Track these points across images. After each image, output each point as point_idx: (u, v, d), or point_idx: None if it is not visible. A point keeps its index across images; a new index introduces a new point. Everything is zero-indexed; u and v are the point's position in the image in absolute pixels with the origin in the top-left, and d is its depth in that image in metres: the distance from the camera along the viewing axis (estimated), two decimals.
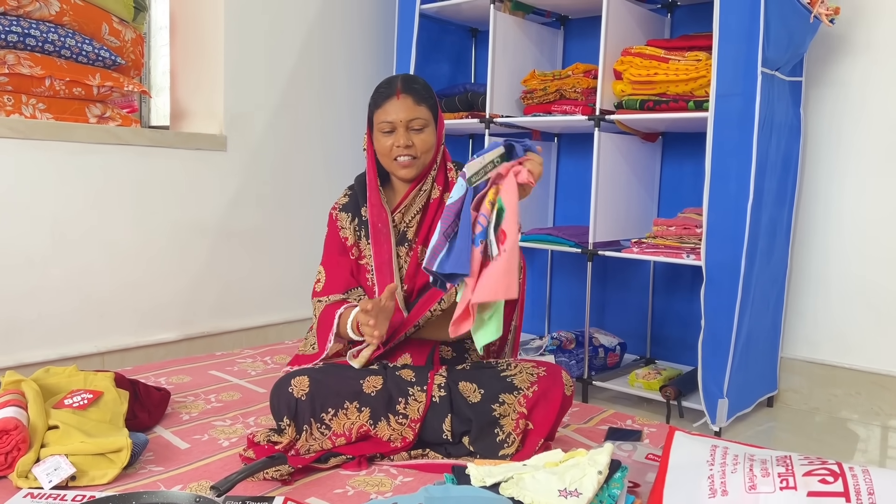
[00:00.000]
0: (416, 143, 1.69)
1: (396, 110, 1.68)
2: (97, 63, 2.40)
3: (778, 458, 1.26)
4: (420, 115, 1.69)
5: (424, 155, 1.71)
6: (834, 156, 2.45)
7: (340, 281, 1.77)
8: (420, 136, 1.69)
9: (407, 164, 1.69)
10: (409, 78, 1.73)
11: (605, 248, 2.44)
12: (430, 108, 1.72)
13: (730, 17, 2.07)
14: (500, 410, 1.58)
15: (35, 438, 1.49)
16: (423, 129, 1.70)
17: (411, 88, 1.70)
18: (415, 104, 1.69)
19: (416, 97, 1.69)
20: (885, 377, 2.36)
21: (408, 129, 1.68)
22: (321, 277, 1.81)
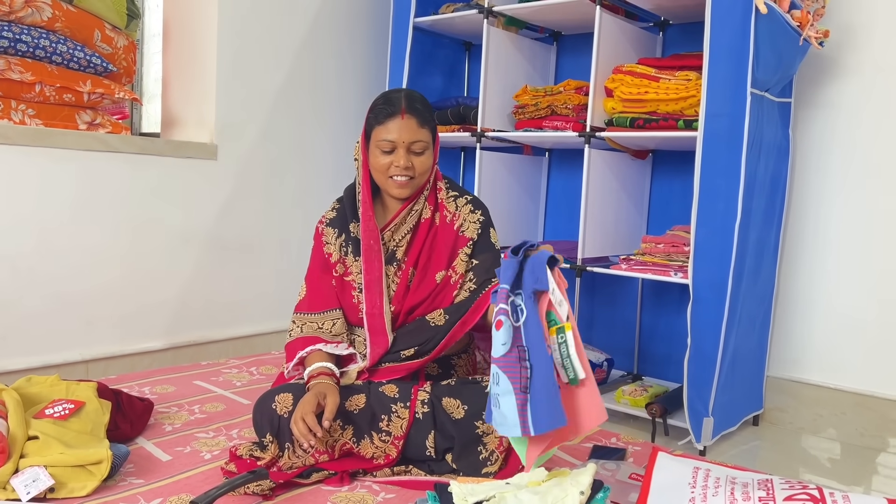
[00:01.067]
0: (415, 164, 1.67)
1: (399, 130, 1.65)
2: (88, 70, 2.39)
3: (759, 481, 1.26)
4: (422, 137, 1.67)
5: (421, 176, 1.69)
6: (822, 177, 2.47)
7: (319, 299, 1.75)
8: (419, 159, 1.68)
9: (403, 184, 1.68)
10: (413, 96, 1.70)
11: (594, 264, 2.45)
12: (431, 130, 1.70)
13: (720, 38, 2.08)
14: (483, 427, 1.57)
15: (14, 449, 1.47)
16: (423, 152, 1.68)
17: (415, 109, 1.67)
18: (418, 126, 1.66)
19: (419, 119, 1.67)
20: (869, 398, 2.37)
21: (408, 150, 1.66)
22: (302, 292, 1.80)
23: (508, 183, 2.84)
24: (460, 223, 1.75)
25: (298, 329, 1.72)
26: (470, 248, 1.73)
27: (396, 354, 1.69)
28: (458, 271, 1.72)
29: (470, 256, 1.74)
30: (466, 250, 1.73)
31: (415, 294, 1.70)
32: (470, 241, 1.73)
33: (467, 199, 1.79)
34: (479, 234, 1.75)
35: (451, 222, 1.75)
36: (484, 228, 1.76)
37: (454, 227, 1.74)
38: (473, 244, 1.74)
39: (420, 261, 1.72)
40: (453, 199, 1.79)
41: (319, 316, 1.73)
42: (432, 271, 1.72)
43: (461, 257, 1.72)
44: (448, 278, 1.71)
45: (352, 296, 1.73)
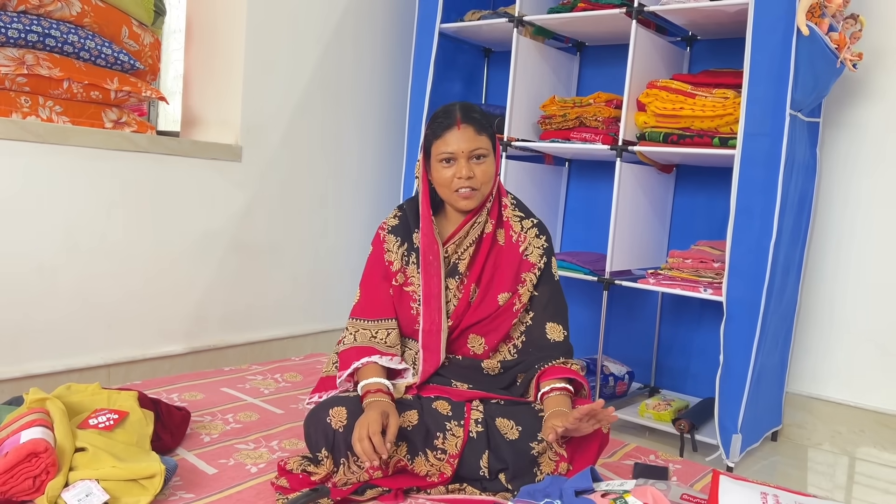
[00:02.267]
0: (476, 174, 1.66)
1: (458, 141, 1.64)
2: (115, 66, 2.34)
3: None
4: (481, 144, 1.66)
5: (485, 186, 1.68)
6: (845, 196, 2.50)
7: (374, 306, 1.73)
8: (481, 167, 1.66)
9: (468, 195, 1.66)
10: (468, 107, 1.70)
11: (619, 278, 2.45)
12: (490, 137, 1.69)
13: (761, 58, 2.09)
14: (538, 448, 1.57)
15: (63, 461, 1.44)
16: (484, 160, 1.67)
17: (471, 118, 1.66)
18: (476, 134, 1.66)
19: (477, 127, 1.66)
20: (889, 416, 2.40)
21: (469, 159, 1.65)
22: (357, 298, 1.77)
23: (531, 192, 2.83)
24: (525, 246, 1.74)
25: (352, 337, 1.70)
26: (536, 277, 1.73)
27: (447, 379, 1.68)
28: (522, 300, 1.72)
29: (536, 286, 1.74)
30: (533, 278, 1.72)
31: (475, 312, 1.69)
32: (535, 268, 1.73)
33: (533, 223, 1.78)
34: (543, 262, 1.74)
35: (517, 243, 1.74)
36: (548, 257, 1.76)
37: (519, 249, 1.74)
38: (540, 273, 1.73)
39: (483, 278, 1.71)
40: (519, 220, 1.78)
41: (374, 324, 1.71)
42: (495, 290, 1.71)
43: (528, 285, 1.72)
44: (511, 304, 1.70)
45: (410, 307, 1.71)
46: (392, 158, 3.22)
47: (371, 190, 3.15)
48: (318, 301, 2.94)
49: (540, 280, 1.74)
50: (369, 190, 3.14)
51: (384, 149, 3.19)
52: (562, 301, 1.78)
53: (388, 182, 3.21)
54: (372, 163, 3.14)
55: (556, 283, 1.78)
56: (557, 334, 1.71)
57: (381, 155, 3.18)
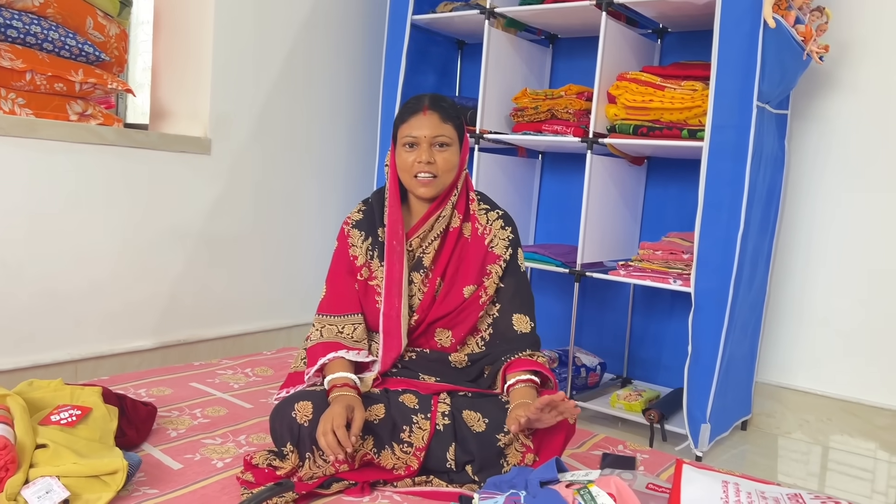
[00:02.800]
0: (438, 160, 1.67)
1: (421, 125, 1.66)
2: (80, 58, 2.30)
3: (788, 495, 1.29)
4: (444, 132, 1.67)
5: (445, 174, 1.69)
6: (814, 188, 2.52)
7: (340, 302, 1.73)
8: (443, 155, 1.67)
9: (426, 182, 1.67)
10: (439, 97, 1.72)
11: (591, 269, 2.46)
12: (456, 127, 1.70)
13: (729, 51, 2.10)
14: (504, 440, 1.57)
15: (23, 458, 1.42)
16: (447, 148, 1.68)
17: (438, 106, 1.68)
18: (441, 121, 1.67)
19: (442, 114, 1.68)
20: (854, 405, 2.44)
21: (431, 145, 1.66)
22: (324, 294, 1.77)
23: (504, 185, 2.83)
24: (491, 238, 1.74)
25: (319, 333, 1.70)
26: (502, 268, 1.73)
27: (414, 373, 1.68)
28: (488, 292, 1.72)
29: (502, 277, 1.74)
30: (498, 270, 1.73)
31: (441, 306, 1.69)
32: (501, 260, 1.73)
33: (499, 214, 1.79)
34: (509, 254, 1.75)
35: (482, 236, 1.74)
36: (514, 248, 1.77)
37: (485, 242, 1.74)
38: (505, 264, 1.74)
39: (448, 271, 1.71)
40: (485, 213, 1.79)
41: (340, 319, 1.70)
42: (460, 284, 1.71)
43: (493, 277, 1.72)
44: (477, 297, 1.71)
45: (375, 301, 1.71)
46: (364, 151, 3.20)
47: (343, 183, 3.14)
48: (289, 295, 2.92)
49: (506, 272, 1.75)
50: (341, 183, 3.13)
51: (356, 142, 3.18)
52: (528, 292, 1.79)
53: (360, 175, 3.20)
54: (344, 156, 3.13)
55: (522, 275, 1.78)
56: (524, 325, 1.72)
57: (352, 148, 3.17)
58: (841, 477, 2.23)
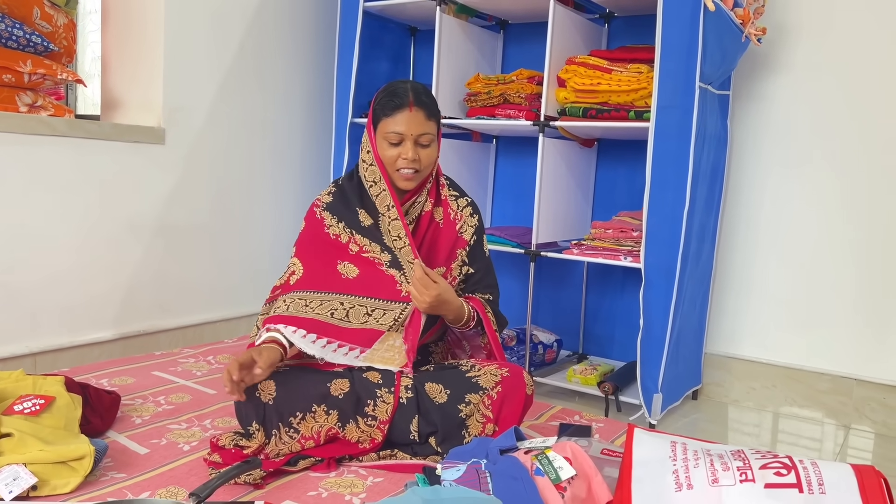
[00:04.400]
0: (421, 157, 1.71)
1: (408, 123, 1.68)
2: (28, 49, 2.27)
3: (732, 451, 1.37)
4: (430, 130, 1.71)
5: (426, 169, 1.74)
6: (755, 166, 2.63)
7: (318, 281, 1.72)
8: (426, 151, 1.72)
9: (409, 176, 1.71)
10: (420, 89, 1.73)
11: (545, 249, 2.53)
12: (438, 123, 1.75)
13: (671, 34, 2.18)
14: (465, 411, 1.63)
15: None
16: (430, 145, 1.72)
17: (423, 102, 1.70)
18: (426, 119, 1.70)
19: (427, 112, 1.71)
20: (798, 371, 2.56)
21: (416, 142, 1.69)
22: (296, 270, 1.75)
23: (459, 169, 2.88)
24: (461, 224, 1.82)
25: (285, 306, 1.69)
26: (466, 253, 1.81)
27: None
28: (453, 274, 1.80)
29: (466, 263, 1.82)
30: (464, 255, 1.81)
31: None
32: (467, 245, 1.82)
33: (468, 201, 1.87)
34: (475, 240, 1.83)
35: (454, 221, 1.82)
36: (479, 235, 1.85)
37: (456, 227, 1.82)
38: (469, 249, 1.82)
39: (421, 253, 1.78)
40: (455, 199, 1.86)
41: (328, 296, 1.70)
42: (432, 265, 1.78)
43: (458, 261, 1.80)
44: (443, 277, 1.76)
45: (381, 271, 1.72)
46: (319, 138, 3.22)
47: (299, 170, 3.15)
48: (248, 283, 2.93)
49: (473, 258, 1.83)
50: (296, 170, 3.14)
51: (311, 129, 3.19)
52: (493, 277, 1.90)
53: (316, 162, 3.22)
54: (299, 144, 3.14)
55: (487, 260, 1.88)
56: (483, 297, 1.83)
57: (307, 135, 3.18)
58: (787, 439, 2.35)
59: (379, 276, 1.72)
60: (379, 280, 1.71)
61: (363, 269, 1.72)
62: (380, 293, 1.71)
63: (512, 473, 1.37)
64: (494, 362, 1.74)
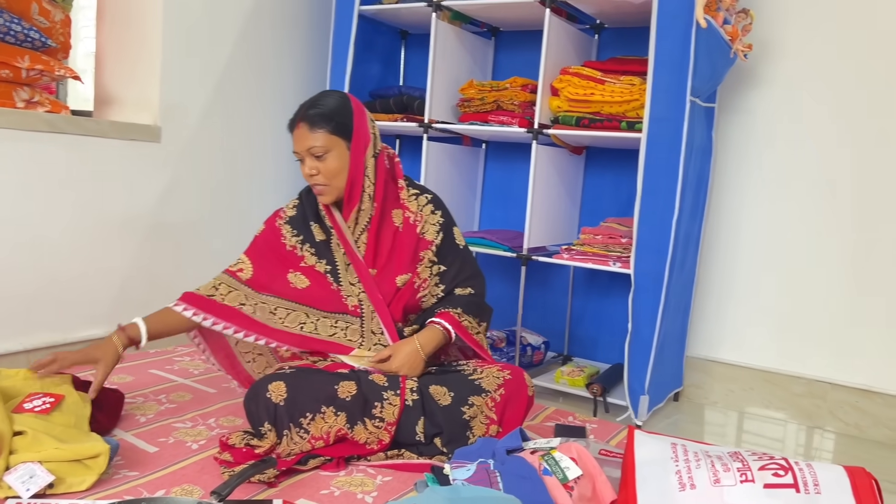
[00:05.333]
0: (320, 169, 1.72)
1: (296, 141, 1.73)
2: (25, 44, 2.26)
3: (730, 453, 1.44)
4: (315, 142, 1.70)
5: (335, 180, 1.73)
6: (738, 176, 2.72)
7: (266, 283, 1.79)
8: (323, 164, 1.71)
9: (319, 191, 1.75)
10: (312, 102, 1.74)
11: (535, 253, 2.59)
12: (333, 129, 1.71)
13: (664, 48, 2.25)
14: (469, 413, 1.68)
15: (2, 445, 1.44)
16: (325, 156, 1.71)
17: (307, 115, 1.71)
18: (309, 131, 1.70)
19: (310, 123, 1.70)
20: (774, 374, 2.66)
21: (312, 157, 1.72)
22: (245, 268, 1.82)
23: (450, 173, 2.93)
24: (422, 225, 1.82)
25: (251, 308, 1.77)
26: (433, 253, 1.81)
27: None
28: (422, 276, 1.81)
29: (436, 262, 1.82)
30: (430, 255, 1.81)
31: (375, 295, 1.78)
32: (432, 245, 1.81)
33: (428, 199, 1.86)
34: (441, 237, 1.82)
35: (414, 224, 1.82)
36: (446, 230, 1.84)
37: (416, 230, 1.81)
38: (437, 248, 1.82)
39: (378, 260, 1.79)
40: (415, 198, 1.85)
41: (274, 299, 1.78)
42: (393, 273, 1.79)
43: (425, 263, 1.80)
44: (411, 283, 1.79)
45: (329, 284, 1.78)
46: None
47: (292, 170, 3.17)
48: None
49: (444, 254, 1.83)
50: (290, 170, 3.16)
51: None
52: (472, 268, 1.88)
53: None
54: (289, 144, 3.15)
55: (462, 251, 1.86)
56: (464, 293, 1.84)
57: None
58: (763, 439, 2.45)
59: (327, 290, 1.77)
60: (327, 294, 1.78)
61: (313, 282, 1.78)
62: (328, 305, 1.78)
63: (521, 473, 1.42)
64: (495, 364, 1.80)
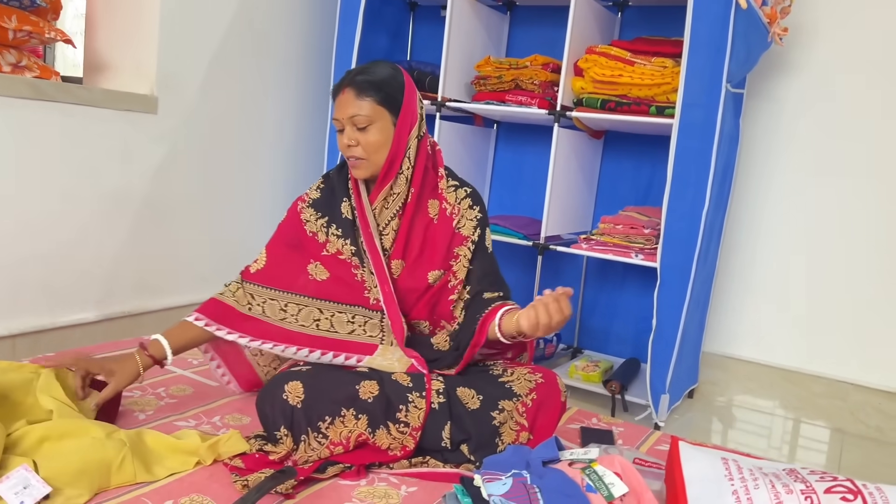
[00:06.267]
0: (361, 141, 1.59)
1: (339, 106, 1.59)
2: (13, 3, 2.08)
3: (786, 471, 1.34)
4: (360, 111, 1.57)
5: (374, 155, 1.60)
6: (763, 166, 2.61)
7: (279, 276, 1.67)
8: (364, 136, 1.58)
9: (353, 164, 1.62)
10: (361, 69, 1.60)
11: (551, 242, 2.47)
12: (380, 101, 1.58)
13: (700, 30, 2.12)
14: (499, 418, 1.56)
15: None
16: (367, 127, 1.58)
17: (354, 80, 1.58)
18: (355, 98, 1.57)
19: (357, 90, 1.57)
20: (794, 373, 2.57)
21: (353, 126, 1.58)
22: (260, 259, 1.70)
23: (460, 154, 2.79)
24: (459, 218, 1.69)
25: (260, 308, 1.65)
26: (470, 251, 1.68)
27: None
28: (458, 276, 1.67)
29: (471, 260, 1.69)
30: (467, 252, 1.67)
31: (401, 291, 1.65)
32: (469, 241, 1.68)
33: (467, 192, 1.73)
34: (477, 234, 1.69)
35: (451, 216, 1.69)
36: (482, 228, 1.71)
37: (452, 223, 1.68)
38: (474, 246, 1.68)
39: (409, 253, 1.66)
40: (453, 190, 1.72)
41: (282, 294, 1.66)
42: (424, 268, 1.66)
43: (462, 261, 1.67)
44: (446, 281, 1.66)
45: (353, 274, 1.65)
46: (316, 115, 3.08)
47: (294, 146, 3.01)
48: (237, 263, 2.74)
49: (474, 254, 1.70)
50: (292, 146, 3.00)
51: (308, 105, 3.05)
52: (497, 272, 1.76)
53: (312, 139, 3.08)
54: (295, 119, 2.99)
55: (490, 255, 1.74)
56: (494, 296, 1.69)
57: (304, 111, 3.03)
58: (784, 441, 2.36)
59: (349, 280, 1.65)
60: (348, 285, 1.65)
61: (333, 272, 1.66)
62: (348, 298, 1.65)
63: (564, 490, 1.31)
64: (525, 365, 1.68)
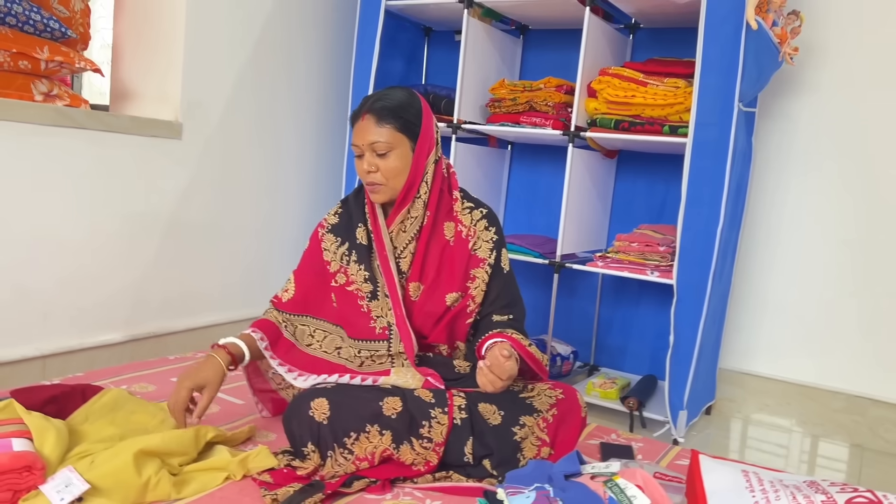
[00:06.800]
0: (381, 167, 1.61)
1: (359, 133, 1.63)
2: (45, 34, 2.16)
3: (807, 482, 1.36)
4: (380, 137, 1.59)
5: (393, 180, 1.63)
6: (775, 183, 2.64)
7: (310, 303, 1.74)
8: (384, 162, 1.61)
9: (373, 189, 1.65)
10: (380, 95, 1.64)
11: (567, 261, 2.50)
12: (399, 128, 1.61)
13: (712, 50, 2.17)
14: (520, 434, 1.59)
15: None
16: (387, 153, 1.61)
17: (373, 107, 1.61)
18: (375, 125, 1.60)
19: (378, 117, 1.60)
20: (812, 389, 2.58)
21: (373, 152, 1.62)
22: (290, 288, 1.75)
23: (476, 175, 2.84)
24: (474, 241, 1.71)
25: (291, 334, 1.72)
26: (487, 273, 1.69)
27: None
28: (476, 300, 1.69)
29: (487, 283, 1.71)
30: (484, 275, 1.69)
31: (420, 314, 1.68)
32: (486, 264, 1.70)
33: (482, 213, 1.74)
34: (494, 256, 1.71)
35: (466, 238, 1.71)
36: (497, 249, 1.73)
37: (468, 245, 1.70)
38: (490, 268, 1.71)
39: (426, 275, 1.69)
40: (468, 211, 1.73)
41: (312, 321, 1.73)
42: (442, 290, 1.68)
43: (479, 284, 1.69)
44: (465, 305, 1.69)
45: (359, 306, 1.68)
46: (335, 139, 3.14)
47: (313, 170, 3.08)
48: (259, 285, 2.85)
49: (491, 277, 1.71)
50: (311, 170, 3.07)
51: (327, 130, 3.11)
52: (514, 293, 1.76)
53: (331, 163, 3.14)
54: (314, 143, 3.06)
55: (506, 276, 1.74)
56: (502, 319, 1.71)
57: (323, 136, 3.10)
58: (801, 458, 2.37)
59: (355, 313, 1.68)
60: (354, 319, 1.68)
61: (341, 304, 1.71)
62: (352, 333, 1.69)
63: (587, 503, 1.34)
64: (546, 381, 1.71)
